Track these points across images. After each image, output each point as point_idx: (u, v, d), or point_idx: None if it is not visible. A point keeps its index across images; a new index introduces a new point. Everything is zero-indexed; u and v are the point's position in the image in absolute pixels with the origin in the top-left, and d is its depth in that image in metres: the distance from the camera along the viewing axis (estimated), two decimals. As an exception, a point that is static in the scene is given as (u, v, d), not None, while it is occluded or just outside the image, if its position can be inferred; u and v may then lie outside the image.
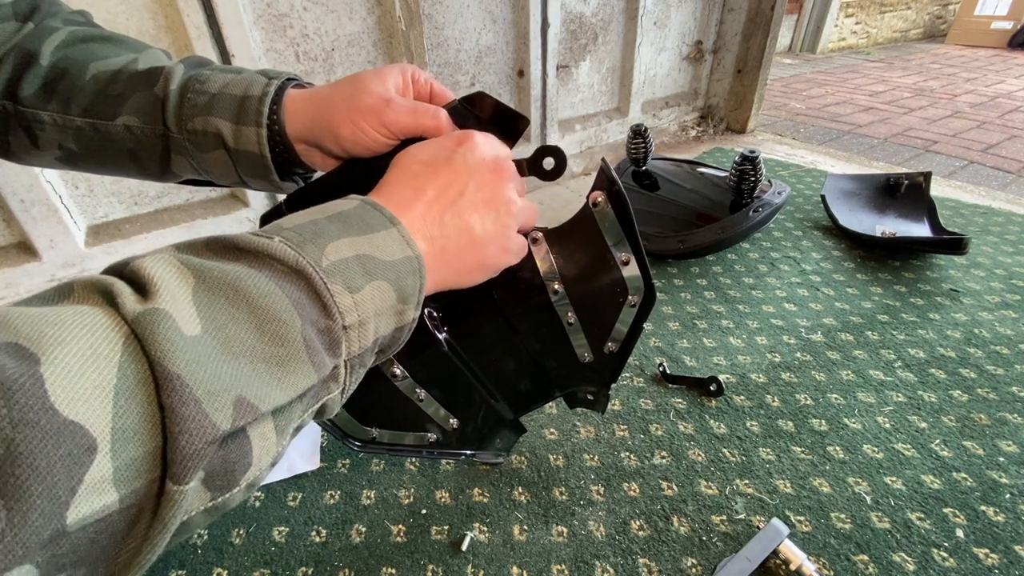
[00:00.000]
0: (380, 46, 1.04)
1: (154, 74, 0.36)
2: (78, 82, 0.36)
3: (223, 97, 0.36)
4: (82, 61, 0.36)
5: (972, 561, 0.49)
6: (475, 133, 0.35)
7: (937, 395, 0.67)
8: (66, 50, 0.36)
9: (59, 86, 0.36)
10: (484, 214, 0.33)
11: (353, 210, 0.28)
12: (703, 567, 0.49)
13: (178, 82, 0.36)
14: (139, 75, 0.36)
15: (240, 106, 0.35)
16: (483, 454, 0.51)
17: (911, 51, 3.96)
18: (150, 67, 0.37)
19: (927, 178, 1.09)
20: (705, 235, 0.96)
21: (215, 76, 0.37)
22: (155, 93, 0.36)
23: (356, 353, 0.25)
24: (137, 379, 0.18)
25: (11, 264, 0.82)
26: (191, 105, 0.36)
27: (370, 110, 0.35)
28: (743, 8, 1.59)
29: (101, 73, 0.36)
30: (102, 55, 0.37)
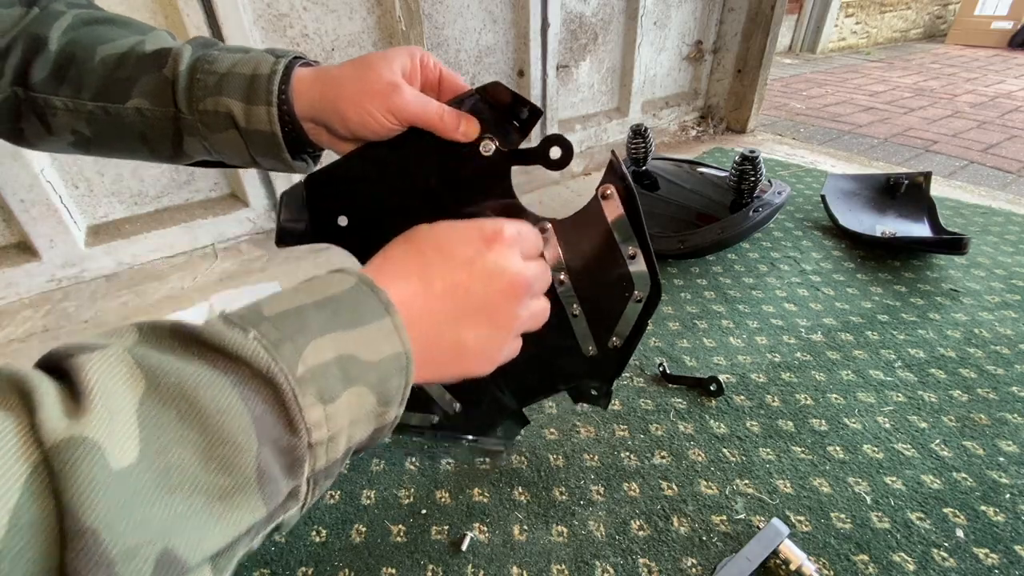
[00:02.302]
0: (380, 46, 1.04)
1: (162, 55, 0.36)
2: (87, 66, 0.36)
3: (232, 77, 0.35)
4: (89, 44, 0.36)
5: (972, 561, 0.49)
6: (506, 232, 0.32)
7: (937, 395, 0.67)
8: (73, 33, 0.36)
9: (69, 71, 0.36)
10: (483, 329, 0.30)
11: (346, 294, 0.25)
12: (703, 567, 0.49)
13: (187, 63, 0.36)
14: (147, 57, 0.36)
15: (250, 85, 0.35)
16: (486, 441, 0.51)
17: (911, 51, 3.96)
18: (158, 48, 0.36)
19: (927, 178, 1.09)
20: (705, 235, 0.96)
21: (223, 56, 0.36)
22: (164, 75, 0.36)
23: (322, 468, 0.23)
24: (34, 528, 0.14)
25: (11, 264, 0.83)
26: (201, 86, 0.35)
27: (378, 95, 0.35)
28: (743, 8, 1.59)
29: (109, 56, 0.36)
30: (109, 37, 0.36)
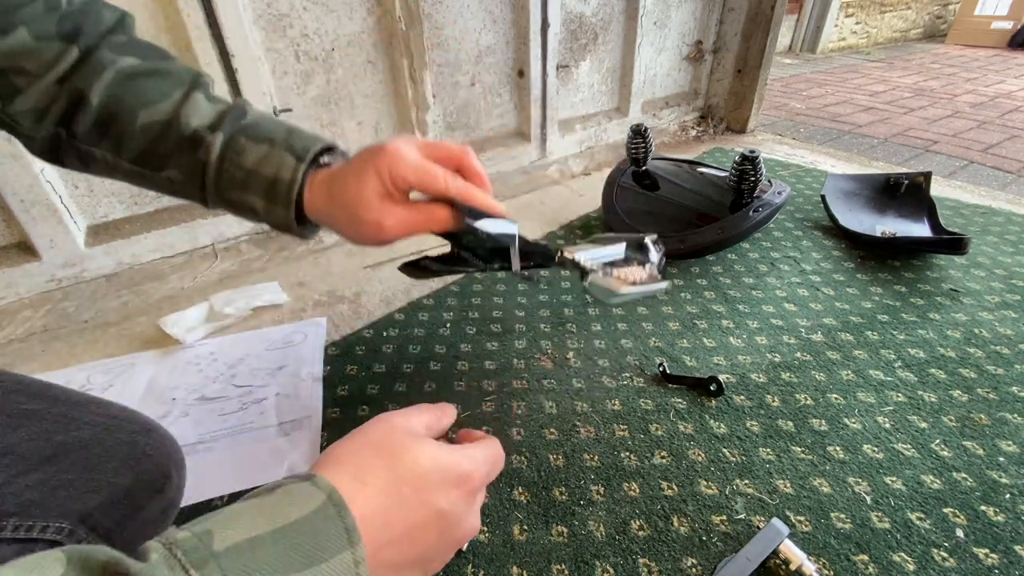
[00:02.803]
0: (380, 46, 1.04)
1: (197, 141, 0.38)
2: (129, 128, 0.38)
3: (256, 176, 0.39)
4: (132, 106, 0.37)
5: (972, 561, 0.49)
6: (478, 480, 0.30)
7: (937, 395, 0.67)
8: (116, 89, 0.37)
9: (111, 129, 0.37)
10: (419, 570, 0.28)
11: (309, 519, 0.22)
12: (703, 567, 0.49)
13: (217, 152, 0.39)
14: (185, 139, 0.38)
15: (271, 188, 0.39)
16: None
17: (911, 51, 3.96)
18: (194, 130, 0.38)
19: (927, 178, 1.09)
20: (705, 235, 0.96)
21: (250, 148, 0.39)
22: (198, 158, 0.39)
23: None
24: None
25: (11, 264, 0.82)
26: (228, 179, 0.39)
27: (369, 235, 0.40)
28: (743, 8, 1.59)
29: (150, 125, 0.38)
30: (150, 98, 0.38)
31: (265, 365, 0.74)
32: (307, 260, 1.04)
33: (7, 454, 0.34)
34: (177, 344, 0.79)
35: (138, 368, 0.75)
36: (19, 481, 0.33)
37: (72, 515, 0.34)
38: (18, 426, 0.36)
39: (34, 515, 0.32)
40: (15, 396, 0.38)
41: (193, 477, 0.52)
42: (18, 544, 0.31)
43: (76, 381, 0.73)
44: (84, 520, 0.34)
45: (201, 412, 0.67)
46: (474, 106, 1.24)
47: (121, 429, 0.40)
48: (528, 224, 1.18)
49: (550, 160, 1.43)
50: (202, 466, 0.59)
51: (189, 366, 0.75)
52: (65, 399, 0.41)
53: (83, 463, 0.36)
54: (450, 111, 1.21)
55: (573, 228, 1.16)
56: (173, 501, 0.43)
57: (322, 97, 1.02)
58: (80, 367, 0.76)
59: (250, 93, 0.91)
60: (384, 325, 0.84)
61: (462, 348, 0.78)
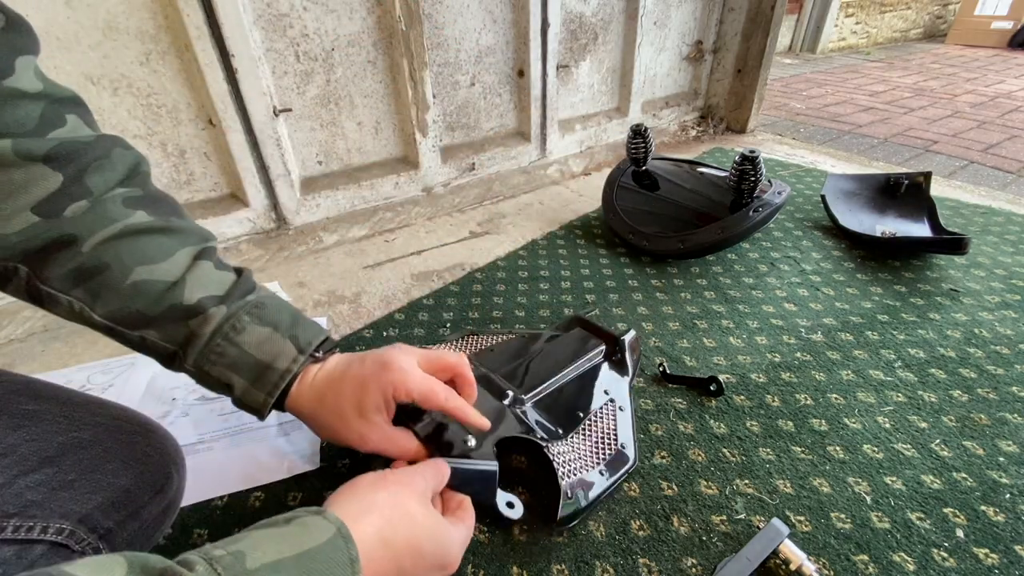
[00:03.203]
0: (380, 46, 1.04)
1: (196, 311, 0.37)
2: (115, 283, 0.35)
3: (250, 358, 0.38)
4: (128, 263, 0.35)
5: (972, 561, 0.49)
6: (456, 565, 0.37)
7: (937, 395, 0.67)
8: (115, 243, 0.34)
9: (91, 280, 0.34)
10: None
11: (322, 547, 0.27)
12: (703, 567, 0.49)
13: (214, 325, 0.37)
14: (182, 309, 0.36)
15: (262, 373, 0.38)
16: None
17: (911, 51, 3.96)
18: (197, 301, 0.36)
19: (927, 178, 1.09)
20: (705, 235, 0.96)
21: (251, 329, 0.38)
22: (189, 326, 0.37)
23: None
24: None
25: (11, 264, 0.82)
26: (218, 353, 0.37)
27: (349, 442, 0.41)
28: (743, 8, 1.59)
29: (145, 284, 0.35)
30: (153, 256, 0.35)
31: (265, 365, 0.74)
32: (307, 260, 1.04)
33: (7, 455, 0.34)
34: (177, 344, 0.79)
35: (138, 368, 0.75)
36: (19, 482, 0.33)
37: (72, 516, 0.34)
38: (18, 427, 0.36)
39: (34, 516, 0.32)
40: (15, 397, 0.38)
41: (193, 477, 0.52)
42: (18, 545, 0.31)
43: (76, 381, 0.73)
44: (84, 520, 0.34)
45: (201, 412, 0.67)
46: (474, 106, 1.24)
47: (121, 429, 0.40)
48: (528, 224, 1.18)
49: (550, 160, 1.43)
50: (202, 466, 0.59)
51: (189, 366, 0.75)
52: (65, 399, 0.41)
53: (83, 464, 0.36)
54: (450, 111, 1.21)
55: (573, 228, 1.16)
56: (173, 501, 0.43)
57: (322, 97, 1.02)
58: (80, 367, 0.76)
59: (250, 93, 0.91)
60: (384, 325, 0.84)
61: (462, 348, 0.78)
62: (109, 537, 0.36)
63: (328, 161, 1.10)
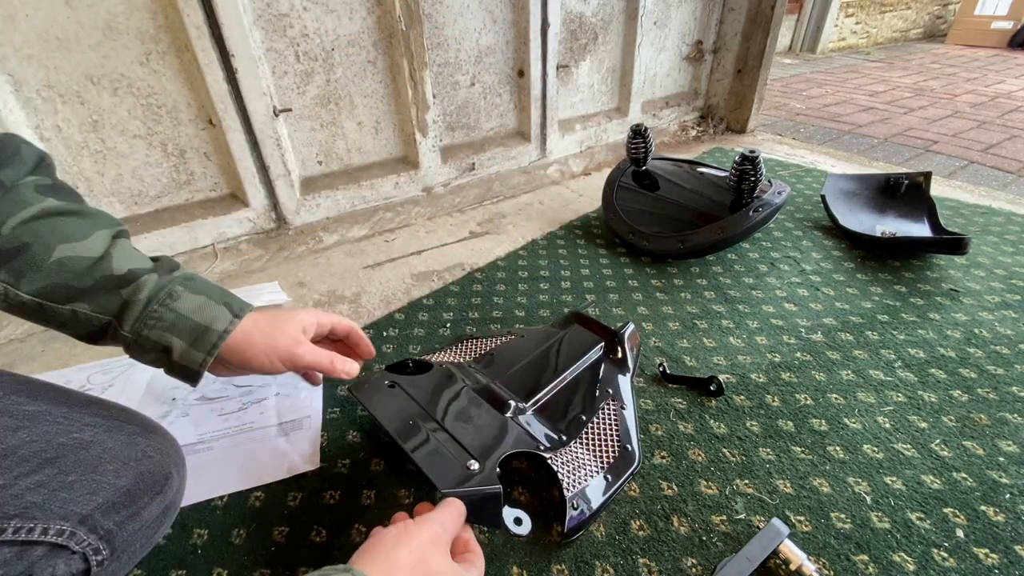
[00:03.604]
0: (380, 46, 1.04)
1: (128, 279, 0.39)
2: (38, 261, 0.36)
3: (188, 321, 0.41)
4: (49, 241, 0.36)
5: (972, 561, 0.49)
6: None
7: (937, 395, 0.67)
8: (34, 224, 0.36)
9: (15, 260, 0.36)
10: None
11: None
12: (703, 567, 0.49)
13: (148, 292, 0.39)
14: (113, 278, 0.38)
15: (202, 334, 0.41)
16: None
17: (911, 51, 3.96)
18: (128, 270, 0.39)
19: (927, 178, 1.09)
20: (705, 235, 0.96)
21: (186, 296, 0.41)
22: (121, 295, 0.39)
23: None
24: None
25: (11, 264, 0.82)
26: (155, 318, 0.40)
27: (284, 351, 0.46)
28: (743, 8, 1.59)
29: (69, 260, 0.37)
30: (72, 235, 0.37)
31: (265, 365, 0.74)
32: (307, 260, 1.04)
33: (8, 456, 0.34)
34: (177, 344, 0.79)
35: (138, 368, 0.74)
36: (20, 483, 0.33)
37: (73, 516, 0.34)
38: (19, 427, 0.36)
39: (35, 517, 0.32)
40: (16, 397, 0.38)
41: (193, 477, 0.52)
42: (19, 546, 0.31)
43: (76, 381, 0.73)
44: (84, 521, 0.34)
45: (201, 412, 0.67)
46: (474, 106, 1.24)
47: (121, 430, 0.40)
48: (528, 224, 1.18)
49: (550, 160, 1.43)
50: (202, 466, 0.59)
51: (189, 366, 0.75)
52: (66, 400, 0.41)
53: (84, 464, 0.36)
54: (450, 111, 1.21)
55: (573, 228, 1.16)
56: (173, 501, 0.43)
57: (322, 97, 1.02)
58: (80, 367, 0.76)
59: (250, 93, 0.91)
60: (384, 325, 0.84)
61: (462, 348, 0.78)
62: (109, 538, 0.36)
63: (328, 161, 1.10)
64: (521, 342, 0.71)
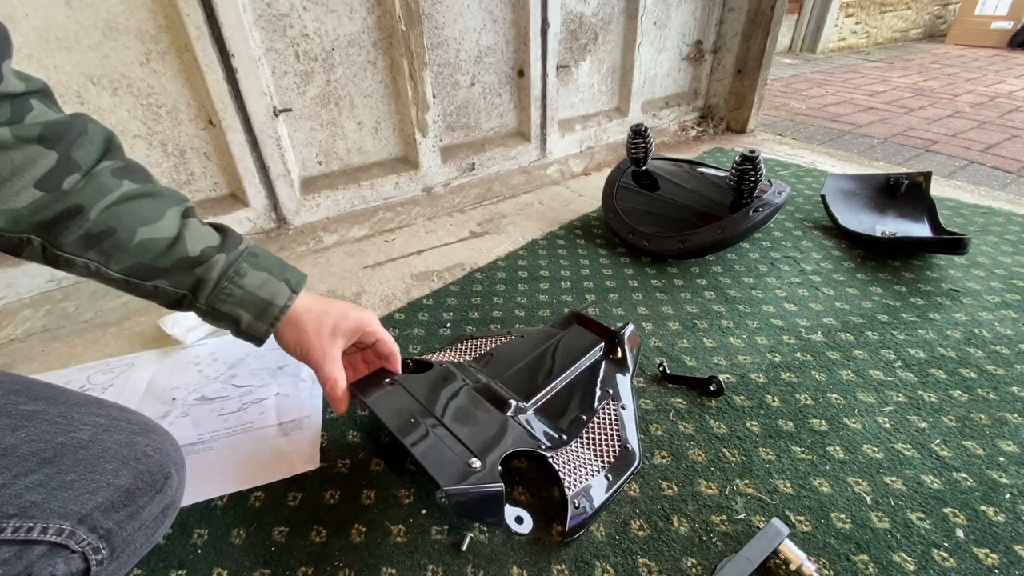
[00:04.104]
0: (380, 46, 1.04)
1: (201, 260, 0.43)
2: (124, 243, 0.40)
3: (254, 297, 0.45)
4: (130, 225, 0.40)
5: (972, 561, 0.49)
6: None
7: (937, 395, 0.67)
8: (115, 208, 0.40)
9: (104, 242, 0.40)
10: None
11: None
12: (703, 567, 0.49)
13: (219, 271, 0.44)
14: (188, 259, 0.42)
15: (265, 308, 0.46)
16: None
17: (911, 51, 3.96)
18: (199, 252, 0.43)
19: (927, 178, 1.09)
20: (705, 235, 0.96)
21: (251, 274, 0.45)
22: (195, 273, 0.43)
23: None
24: None
25: (11, 264, 0.82)
26: (226, 294, 0.44)
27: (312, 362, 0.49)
28: (743, 8, 1.59)
29: (150, 242, 0.41)
30: (149, 217, 0.41)
31: (265, 365, 0.74)
32: (307, 260, 1.04)
33: (7, 455, 0.34)
34: (177, 344, 0.79)
35: (138, 368, 0.75)
36: (19, 482, 0.33)
37: (72, 516, 0.34)
38: (18, 427, 0.36)
39: (34, 516, 0.32)
40: (15, 397, 0.38)
41: (193, 477, 0.52)
42: (18, 545, 0.31)
43: (76, 381, 0.73)
44: (84, 521, 0.34)
45: (201, 412, 0.67)
46: (474, 106, 1.24)
47: (121, 429, 0.40)
48: (528, 224, 1.18)
49: (550, 160, 1.43)
50: (202, 466, 0.59)
51: (189, 366, 0.75)
52: (65, 400, 0.41)
53: (83, 464, 0.36)
54: (450, 111, 1.21)
55: (573, 228, 1.16)
56: (173, 501, 0.43)
57: (322, 97, 1.02)
58: (80, 367, 0.76)
59: (250, 93, 0.91)
60: (384, 325, 0.83)
61: (462, 348, 0.78)
62: (109, 537, 0.36)
63: (328, 161, 1.10)
64: (521, 342, 0.71)
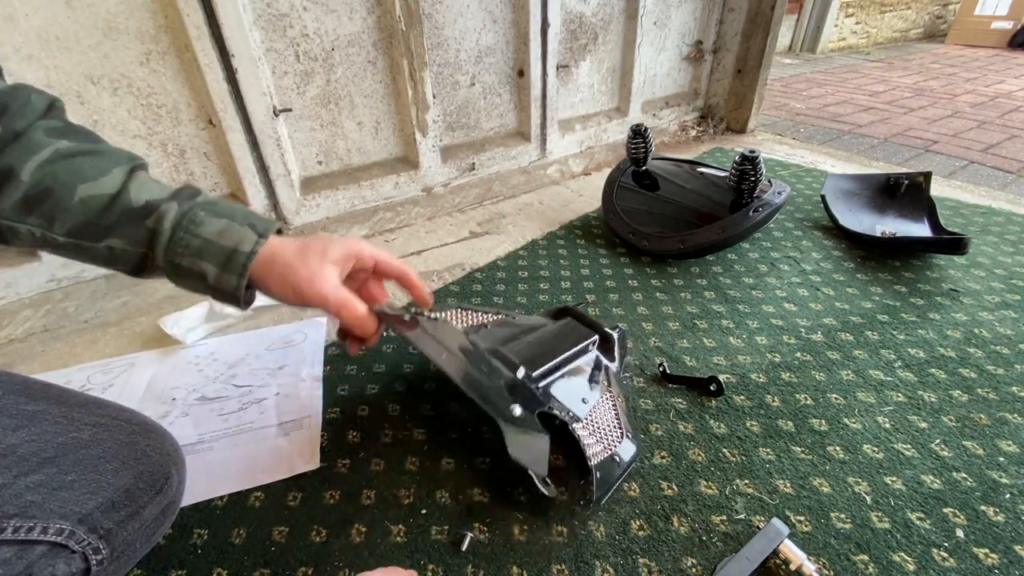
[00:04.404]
0: (380, 46, 1.04)
1: (149, 209, 0.39)
2: (64, 203, 0.37)
3: (214, 246, 0.40)
4: (68, 182, 0.37)
5: (972, 561, 0.49)
6: None
7: (937, 395, 0.67)
8: (51, 167, 0.37)
9: (43, 204, 0.37)
10: None
11: None
12: (703, 567, 0.49)
13: (172, 220, 0.39)
14: (133, 210, 0.38)
15: (229, 258, 0.40)
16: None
17: (911, 51, 3.96)
18: (145, 202, 0.39)
19: (927, 178, 1.09)
20: (705, 235, 0.96)
21: (209, 221, 0.40)
22: (146, 225, 0.39)
23: None
24: None
25: (11, 264, 0.82)
26: (183, 244, 0.39)
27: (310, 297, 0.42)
28: (743, 8, 1.59)
29: (91, 199, 0.37)
30: (90, 174, 0.38)
31: (265, 365, 0.74)
32: (307, 260, 1.04)
33: (7, 455, 0.34)
34: (177, 344, 0.79)
35: (138, 368, 0.75)
36: (19, 482, 0.33)
37: (72, 516, 0.34)
38: (18, 427, 0.36)
39: (34, 516, 0.32)
40: (15, 397, 0.38)
41: (193, 477, 0.52)
42: (18, 545, 0.31)
43: (76, 381, 0.73)
44: (84, 521, 0.34)
45: (201, 412, 0.67)
46: (474, 106, 1.24)
47: (121, 429, 0.40)
48: (528, 224, 1.18)
49: (550, 160, 1.43)
50: (202, 466, 0.59)
51: (189, 366, 0.75)
52: (65, 400, 0.41)
53: (83, 464, 0.36)
54: (450, 111, 1.21)
55: (573, 228, 1.16)
56: (173, 501, 0.43)
57: (322, 97, 1.02)
58: (80, 367, 0.76)
59: (250, 93, 0.91)
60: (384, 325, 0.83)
61: (462, 348, 0.78)
62: (109, 537, 0.36)
63: (328, 161, 1.10)
64: (514, 322, 0.70)
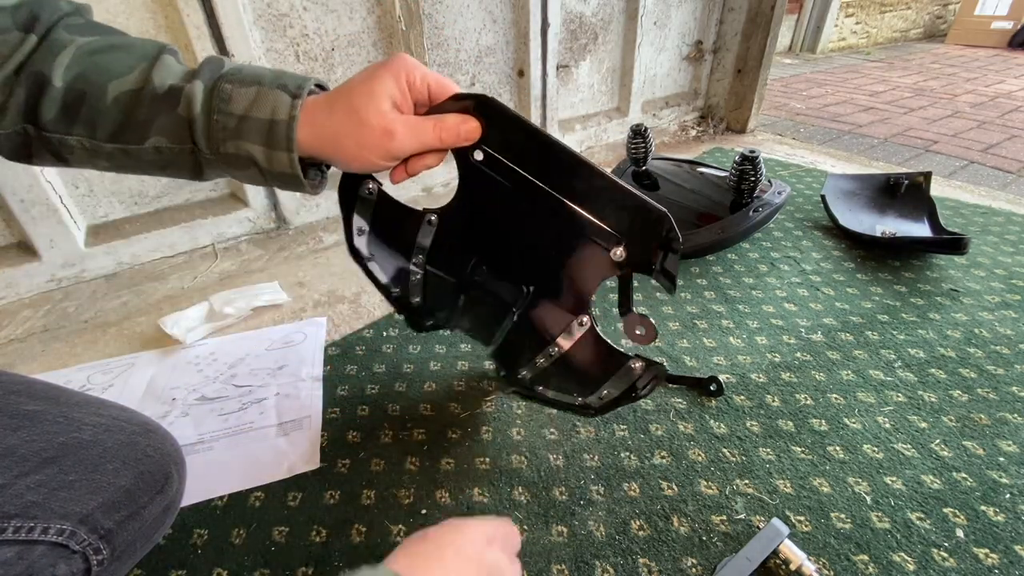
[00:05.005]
0: (380, 46, 1.04)
1: (174, 94, 0.35)
2: (99, 105, 0.35)
3: (251, 121, 0.35)
4: (98, 82, 0.35)
5: (972, 561, 0.49)
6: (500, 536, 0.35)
7: (937, 395, 0.67)
8: (78, 68, 0.35)
9: (81, 110, 0.35)
10: None
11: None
12: (703, 567, 0.49)
13: (200, 103, 0.35)
14: (159, 97, 0.35)
15: (269, 131, 0.35)
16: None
17: (911, 51, 3.96)
18: (168, 87, 0.35)
19: (927, 178, 1.09)
20: (705, 235, 0.96)
21: (237, 93, 0.36)
22: (179, 114, 0.35)
23: None
24: None
25: (11, 264, 0.82)
26: (220, 128, 0.35)
27: (376, 148, 0.37)
28: (743, 8, 1.59)
29: (123, 95, 0.35)
30: (117, 71, 0.35)
31: (265, 365, 0.74)
32: (307, 260, 1.04)
33: (8, 455, 0.34)
34: (177, 344, 0.79)
35: (138, 368, 0.75)
36: (20, 483, 0.33)
37: (73, 516, 0.34)
38: (18, 427, 0.36)
39: (35, 516, 0.32)
40: (15, 397, 0.38)
41: (193, 477, 0.52)
42: (19, 545, 0.31)
43: (76, 381, 0.73)
44: (84, 521, 0.34)
45: (201, 412, 0.67)
46: (474, 106, 1.24)
47: (121, 429, 0.40)
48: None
49: (550, 160, 1.42)
50: (202, 466, 0.59)
51: (189, 366, 0.75)
52: (65, 400, 0.41)
53: (83, 464, 0.36)
54: (450, 111, 1.20)
55: (573, 228, 1.15)
56: (173, 501, 0.43)
57: (322, 97, 1.02)
58: (80, 367, 0.76)
59: (250, 93, 0.91)
60: (384, 325, 0.84)
61: (462, 348, 0.78)
62: (110, 537, 0.36)
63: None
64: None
